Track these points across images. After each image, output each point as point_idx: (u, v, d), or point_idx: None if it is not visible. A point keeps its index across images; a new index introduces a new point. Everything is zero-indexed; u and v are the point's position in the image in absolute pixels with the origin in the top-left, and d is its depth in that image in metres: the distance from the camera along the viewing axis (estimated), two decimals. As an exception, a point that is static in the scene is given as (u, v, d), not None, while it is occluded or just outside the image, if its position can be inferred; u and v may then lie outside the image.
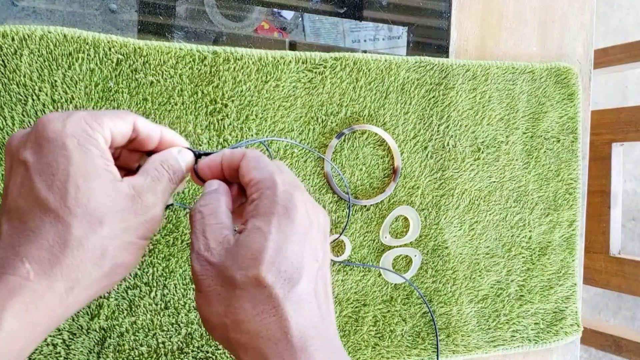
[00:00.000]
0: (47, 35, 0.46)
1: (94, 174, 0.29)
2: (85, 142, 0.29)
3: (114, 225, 0.29)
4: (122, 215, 0.29)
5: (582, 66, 0.68)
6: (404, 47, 0.61)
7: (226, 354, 0.52)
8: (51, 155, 0.28)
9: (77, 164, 0.28)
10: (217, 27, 0.54)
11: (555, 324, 0.65)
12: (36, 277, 0.27)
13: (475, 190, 0.61)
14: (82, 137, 0.29)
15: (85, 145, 0.29)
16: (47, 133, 0.29)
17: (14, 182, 0.29)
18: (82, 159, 0.28)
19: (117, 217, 0.29)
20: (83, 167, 0.28)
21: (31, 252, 0.27)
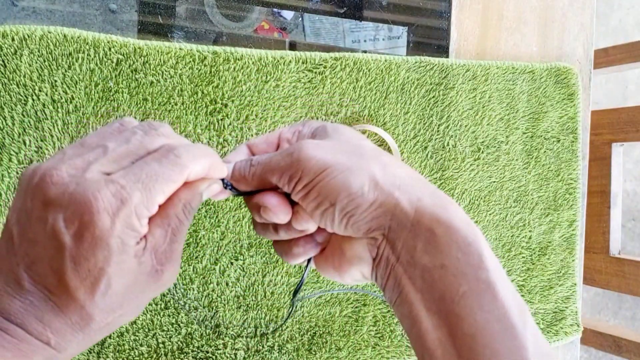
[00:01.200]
0: (47, 35, 0.46)
1: (127, 268, 0.28)
2: (129, 240, 0.28)
3: (132, 306, 0.29)
4: (144, 294, 0.30)
5: (582, 66, 0.68)
6: (404, 47, 0.61)
7: (226, 354, 0.52)
8: (91, 251, 0.27)
9: (115, 263, 0.27)
10: (217, 27, 0.54)
11: (555, 324, 0.65)
12: (56, 345, 0.28)
13: (475, 190, 0.61)
14: (127, 235, 0.27)
15: (128, 243, 0.28)
16: (93, 227, 0.26)
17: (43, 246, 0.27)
18: (120, 257, 0.27)
19: (138, 298, 0.29)
20: (119, 265, 0.28)
21: (55, 324, 0.28)
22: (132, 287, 0.29)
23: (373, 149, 0.33)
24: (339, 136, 0.34)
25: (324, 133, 0.34)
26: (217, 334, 0.52)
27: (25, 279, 0.27)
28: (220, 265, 0.52)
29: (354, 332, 0.56)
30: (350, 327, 0.56)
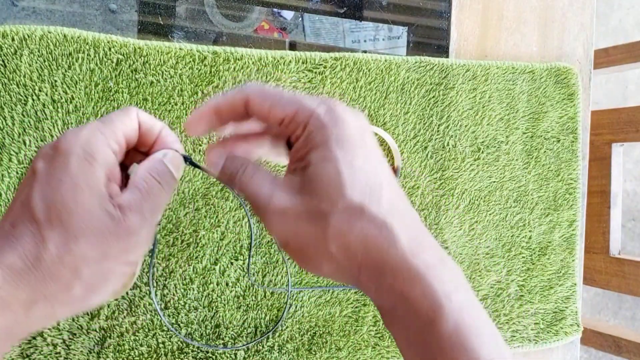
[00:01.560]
0: (47, 35, 0.46)
1: (86, 187, 0.28)
2: (94, 152, 0.28)
3: (92, 249, 0.28)
4: (103, 238, 0.28)
5: (582, 66, 0.68)
6: (404, 47, 0.61)
7: (226, 354, 0.52)
8: (57, 165, 0.28)
9: (73, 175, 0.28)
10: (217, 27, 0.54)
11: (555, 324, 0.65)
12: (4, 283, 0.26)
13: (475, 190, 0.61)
14: (94, 148, 0.28)
15: (92, 155, 0.28)
16: (61, 144, 0.28)
17: (22, 189, 0.29)
18: (80, 169, 0.28)
19: (97, 239, 0.28)
20: (77, 178, 0.27)
21: (7, 257, 0.26)
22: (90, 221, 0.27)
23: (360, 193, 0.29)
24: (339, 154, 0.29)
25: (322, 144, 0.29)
26: (217, 334, 0.52)
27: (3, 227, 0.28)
28: (220, 265, 0.52)
29: (354, 332, 0.56)
30: (350, 327, 0.56)
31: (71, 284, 0.28)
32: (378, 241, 0.29)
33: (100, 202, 0.28)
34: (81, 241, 0.27)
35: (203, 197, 0.51)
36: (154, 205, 0.30)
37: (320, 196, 0.29)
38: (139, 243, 0.29)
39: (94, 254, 0.28)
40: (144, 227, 0.29)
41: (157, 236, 0.36)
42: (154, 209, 0.30)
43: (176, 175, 0.32)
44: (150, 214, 0.30)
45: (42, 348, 0.46)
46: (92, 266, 0.28)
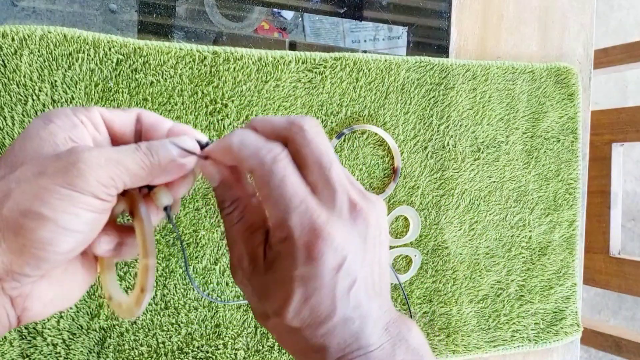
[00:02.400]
0: (47, 35, 0.46)
1: (36, 136, 0.28)
2: (52, 115, 0.29)
3: (28, 169, 0.26)
4: (43, 161, 0.27)
5: (582, 66, 0.68)
6: (404, 47, 0.61)
7: (226, 354, 0.52)
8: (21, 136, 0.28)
9: (28, 131, 0.28)
10: (217, 27, 0.54)
11: (555, 324, 0.65)
12: None
13: (475, 190, 0.61)
14: (52, 113, 0.29)
15: (49, 118, 0.28)
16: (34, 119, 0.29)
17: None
18: (36, 126, 0.28)
19: (35, 162, 0.27)
20: (29, 132, 0.28)
21: None
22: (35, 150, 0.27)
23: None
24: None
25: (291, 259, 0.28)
26: (217, 334, 0.52)
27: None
28: (220, 265, 0.52)
29: (354, 332, 0.56)
30: (350, 327, 0.56)
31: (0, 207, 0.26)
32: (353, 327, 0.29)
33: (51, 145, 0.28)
34: (20, 167, 0.27)
35: (203, 197, 0.51)
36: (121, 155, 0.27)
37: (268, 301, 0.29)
38: (81, 167, 0.26)
39: (28, 174, 0.26)
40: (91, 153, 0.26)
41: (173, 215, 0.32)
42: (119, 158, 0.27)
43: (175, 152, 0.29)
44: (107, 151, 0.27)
45: (42, 348, 0.46)
46: (23, 185, 0.26)
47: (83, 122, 0.29)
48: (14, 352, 0.45)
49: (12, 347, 0.45)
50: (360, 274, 0.29)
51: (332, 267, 0.28)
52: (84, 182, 0.26)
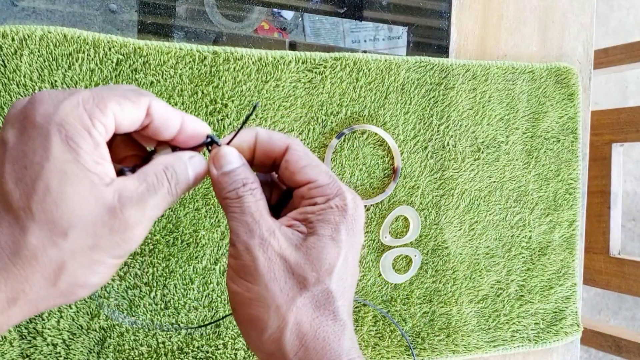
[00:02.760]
0: (47, 35, 0.46)
1: (73, 175, 0.24)
2: (75, 134, 0.24)
3: (81, 241, 0.25)
4: (95, 229, 0.25)
5: (582, 66, 0.68)
6: (404, 47, 0.61)
7: (226, 354, 0.52)
8: (31, 142, 0.24)
9: (56, 160, 0.24)
10: (217, 27, 0.54)
11: (555, 324, 0.65)
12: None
13: (475, 190, 0.61)
14: (73, 127, 0.24)
15: (74, 139, 0.24)
16: (34, 115, 0.24)
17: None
18: (63, 155, 0.24)
19: (87, 231, 0.25)
20: (62, 165, 0.24)
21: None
22: (80, 210, 0.25)
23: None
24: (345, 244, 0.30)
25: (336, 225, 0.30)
26: (217, 334, 0.52)
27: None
28: (220, 265, 0.52)
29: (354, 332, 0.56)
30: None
31: (56, 280, 0.25)
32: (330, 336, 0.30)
33: (95, 190, 0.25)
34: (70, 234, 0.24)
35: (203, 197, 0.51)
36: (158, 204, 0.27)
37: (313, 265, 0.29)
38: (133, 239, 0.27)
39: (83, 247, 0.25)
40: (142, 223, 0.27)
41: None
42: (158, 206, 0.28)
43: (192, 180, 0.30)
44: (152, 210, 0.27)
45: (42, 348, 0.46)
46: (79, 260, 0.25)
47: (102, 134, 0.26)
48: (14, 352, 0.45)
49: (12, 347, 0.45)
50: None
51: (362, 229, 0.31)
52: (130, 250, 0.28)
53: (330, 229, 0.30)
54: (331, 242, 0.30)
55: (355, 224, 0.31)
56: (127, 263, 0.49)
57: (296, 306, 0.29)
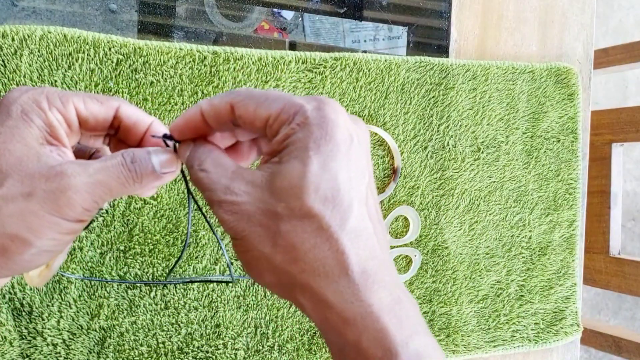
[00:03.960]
0: (47, 35, 0.46)
1: (20, 138, 0.27)
2: (30, 112, 0.28)
3: (15, 188, 0.26)
4: (31, 180, 0.26)
5: (582, 66, 0.68)
6: (404, 47, 0.61)
7: (226, 354, 0.52)
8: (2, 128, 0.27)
9: (9, 127, 0.27)
10: (217, 27, 0.54)
11: (555, 324, 0.65)
12: None
13: (475, 190, 0.61)
14: (30, 107, 0.28)
15: (28, 115, 0.27)
16: (3, 100, 0.28)
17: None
18: (16, 123, 0.27)
19: (23, 181, 0.26)
20: (12, 130, 0.27)
21: None
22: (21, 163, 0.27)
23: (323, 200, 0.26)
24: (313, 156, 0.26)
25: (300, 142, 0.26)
26: (217, 334, 0.52)
27: None
28: (220, 265, 0.52)
29: (354, 332, 0.56)
30: (350, 327, 0.56)
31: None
32: (328, 266, 0.25)
33: (37, 152, 0.27)
34: (6, 183, 0.26)
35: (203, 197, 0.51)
36: (106, 170, 0.28)
37: (279, 196, 0.26)
38: (70, 195, 0.27)
39: (15, 192, 0.26)
40: (81, 178, 0.27)
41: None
42: (104, 173, 0.28)
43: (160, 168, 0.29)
44: (95, 173, 0.27)
45: (42, 348, 0.46)
46: (10, 207, 0.26)
47: (59, 121, 0.28)
48: (14, 352, 0.45)
49: (12, 347, 0.45)
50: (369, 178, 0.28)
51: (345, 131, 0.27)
52: (71, 209, 0.27)
53: (295, 150, 0.26)
54: (294, 160, 0.26)
55: (327, 129, 0.26)
56: (127, 263, 0.49)
57: (278, 246, 0.26)
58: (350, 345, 0.26)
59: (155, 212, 0.49)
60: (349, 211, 0.26)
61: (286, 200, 0.25)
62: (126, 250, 0.49)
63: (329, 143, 0.26)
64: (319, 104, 0.27)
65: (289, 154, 0.26)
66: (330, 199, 0.26)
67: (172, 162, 0.30)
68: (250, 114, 0.28)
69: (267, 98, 0.28)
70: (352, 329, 0.25)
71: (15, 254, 0.27)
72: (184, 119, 0.29)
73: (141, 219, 0.49)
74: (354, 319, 0.25)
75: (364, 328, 0.25)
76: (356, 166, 0.27)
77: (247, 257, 0.27)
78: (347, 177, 0.26)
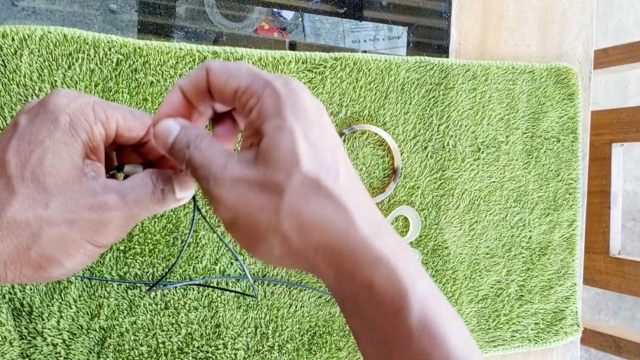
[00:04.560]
0: (47, 35, 0.46)
1: (67, 156, 0.27)
2: (78, 125, 0.28)
3: (60, 213, 0.27)
4: (75, 206, 0.27)
5: (582, 66, 0.68)
6: (404, 47, 0.61)
7: (226, 354, 0.52)
8: (40, 124, 0.27)
9: (56, 141, 0.27)
10: (217, 27, 0.54)
11: (555, 324, 0.65)
12: None
13: (475, 190, 0.61)
14: (78, 119, 0.28)
15: (76, 129, 0.28)
16: (48, 104, 0.28)
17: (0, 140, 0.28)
18: (64, 137, 0.27)
19: (68, 206, 0.27)
20: (60, 145, 0.27)
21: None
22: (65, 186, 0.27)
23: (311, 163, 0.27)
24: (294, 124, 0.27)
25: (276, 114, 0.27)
26: (217, 334, 0.52)
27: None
28: (220, 265, 0.52)
29: (354, 332, 0.56)
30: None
31: (28, 246, 0.27)
32: (336, 221, 0.27)
33: (79, 174, 0.28)
34: (51, 205, 0.27)
35: (203, 197, 0.51)
36: (140, 202, 0.29)
37: (275, 166, 0.27)
38: (109, 226, 0.28)
39: (60, 218, 0.27)
40: (121, 212, 0.28)
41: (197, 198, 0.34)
42: (139, 204, 0.29)
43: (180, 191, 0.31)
44: (132, 204, 0.29)
45: (42, 348, 0.46)
46: (54, 231, 0.27)
47: (101, 135, 0.29)
48: (14, 352, 0.45)
49: (12, 347, 0.45)
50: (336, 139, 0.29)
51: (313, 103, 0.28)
52: (106, 238, 0.28)
53: (274, 121, 0.27)
54: (280, 132, 0.27)
55: (298, 103, 0.28)
56: (127, 263, 0.49)
57: (284, 214, 0.26)
58: (363, 290, 0.27)
59: (155, 212, 0.49)
60: (338, 172, 0.28)
61: (285, 169, 0.26)
62: (126, 250, 0.49)
63: (305, 114, 0.28)
64: (286, 80, 0.28)
65: (271, 127, 0.27)
66: (321, 164, 0.27)
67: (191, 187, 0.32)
68: (222, 83, 0.29)
69: (238, 70, 0.29)
70: (365, 272, 0.27)
71: (47, 272, 0.28)
72: (166, 102, 0.30)
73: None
74: (365, 264, 0.27)
75: (376, 270, 0.27)
76: (330, 133, 0.29)
77: (251, 237, 0.28)
78: (328, 143, 0.28)
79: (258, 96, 0.28)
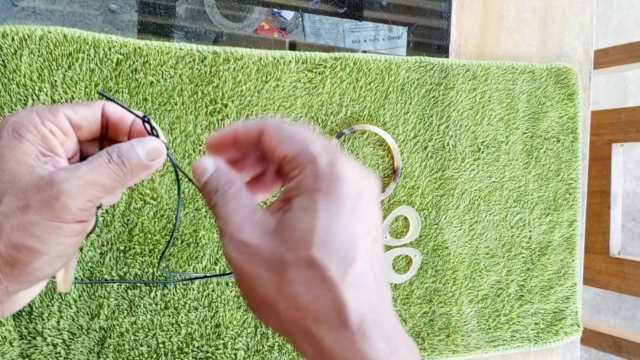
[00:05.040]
0: (47, 35, 0.46)
1: (12, 156, 0.28)
2: (21, 129, 0.29)
3: (12, 204, 0.28)
4: (25, 193, 0.28)
5: (582, 66, 0.68)
6: (404, 47, 0.61)
7: (226, 354, 0.52)
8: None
9: (2, 147, 0.29)
10: (217, 27, 0.54)
11: (555, 324, 0.65)
12: None
13: (475, 190, 0.61)
14: (20, 124, 0.29)
15: (19, 132, 0.29)
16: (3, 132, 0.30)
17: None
18: (8, 142, 0.29)
19: (18, 196, 0.28)
20: (5, 149, 0.29)
21: None
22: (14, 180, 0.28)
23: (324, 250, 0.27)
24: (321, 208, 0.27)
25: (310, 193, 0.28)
26: (217, 334, 0.52)
27: None
28: (220, 265, 0.52)
29: (354, 332, 0.56)
30: (350, 327, 0.56)
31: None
32: (329, 315, 0.27)
33: (28, 167, 0.29)
34: (4, 199, 0.28)
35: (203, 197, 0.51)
36: (95, 170, 0.29)
37: (288, 245, 0.27)
38: (62, 198, 0.28)
39: (14, 206, 0.28)
40: (70, 183, 0.28)
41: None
42: (94, 173, 0.29)
43: (146, 158, 0.31)
44: (85, 174, 0.29)
45: (42, 348, 0.46)
46: (12, 220, 0.28)
47: (52, 131, 0.30)
48: (14, 352, 0.45)
49: (12, 347, 0.45)
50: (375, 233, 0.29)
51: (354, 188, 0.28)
52: (68, 212, 0.28)
53: (304, 200, 0.27)
54: (304, 212, 0.27)
55: (335, 186, 0.27)
56: (127, 263, 0.49)
57: (282, 295, 0.27)
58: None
59: (155, 212, 0.49)
60: (352, 265, 0.27)
61: (295, 251, 0.27)
62: (126, 250, 0.49)
63: (338, 199, 0.27)
64: (333, 158, 0.28)
65: (300, 204, 0.28)
66: (336, 253, 0.27)
67: (157, 149, 0.32)
68: (272, 146, 0.30)
69: (292, 136, 0.29)
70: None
71: (25, 263, 0.28)
72: (220, 133, 0.32)
73: (141, 219, 0.49)
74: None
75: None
76: (362, 223, 0.28)
77: (252, 298, 0.29)
78: (353, 233, 0.28)
79: (301, 169, 0.28)
